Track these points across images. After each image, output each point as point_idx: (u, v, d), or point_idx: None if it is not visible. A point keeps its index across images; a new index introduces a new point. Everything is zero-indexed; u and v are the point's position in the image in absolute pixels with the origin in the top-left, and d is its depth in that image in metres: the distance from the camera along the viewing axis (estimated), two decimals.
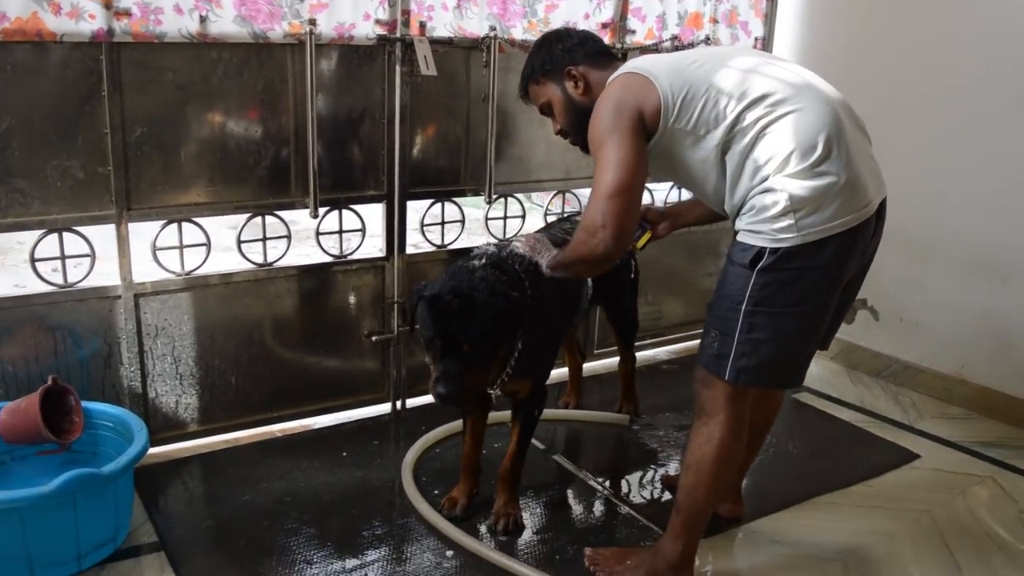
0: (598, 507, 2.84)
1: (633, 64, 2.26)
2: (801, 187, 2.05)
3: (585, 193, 3.80)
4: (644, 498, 2.90)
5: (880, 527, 2.74)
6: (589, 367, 3.76)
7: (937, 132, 3.60)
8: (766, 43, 3.98)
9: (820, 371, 3.99)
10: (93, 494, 2.36)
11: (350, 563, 2.48)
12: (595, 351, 3.88)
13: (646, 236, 2.59)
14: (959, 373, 3.63)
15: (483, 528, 2.67)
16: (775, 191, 2.07)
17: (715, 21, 3.75)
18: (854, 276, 2.27)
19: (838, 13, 3.91)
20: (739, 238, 2.16)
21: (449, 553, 2.53)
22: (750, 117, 2.10)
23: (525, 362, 2.50)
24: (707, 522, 2.36)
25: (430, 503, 2.74)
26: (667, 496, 2.87)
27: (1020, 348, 3.44)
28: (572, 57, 2.42)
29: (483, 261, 2.42)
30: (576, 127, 2.36)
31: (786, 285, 2.11)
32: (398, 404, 3.41)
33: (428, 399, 3.35)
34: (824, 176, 2.05)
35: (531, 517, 2.74)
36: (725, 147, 2.14)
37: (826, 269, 2.11)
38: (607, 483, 2.97)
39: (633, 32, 3.55)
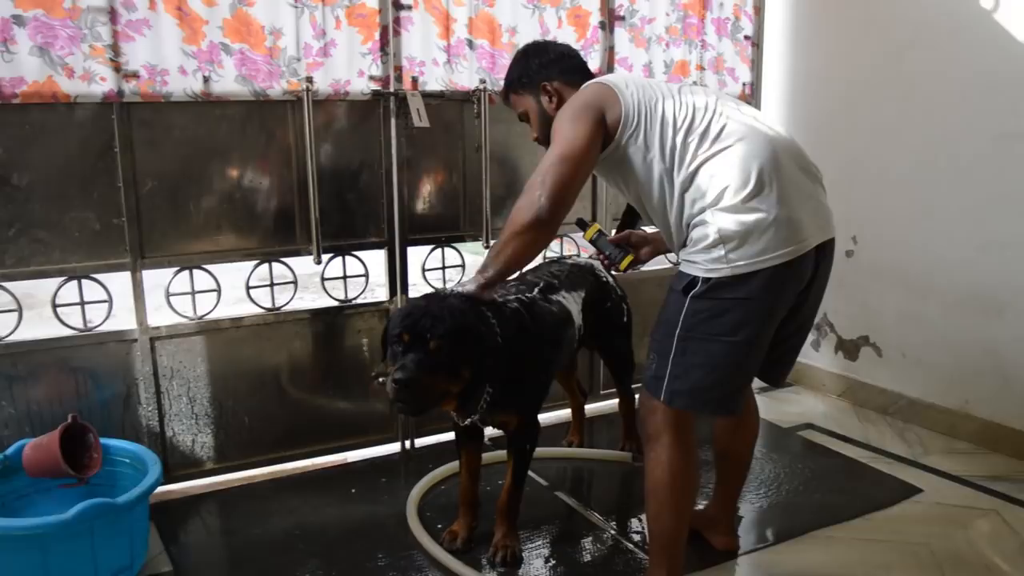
0: (598, 542, 2.87)
1: (606, 77, 2.41)
2: (731, 220, 2.15)
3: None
4: (645, 534, 2.89)
5: (877, 560, 2.72)
6: (597, 407, 3.84)
7: (923, 172, 3.66)
8: (754, 88, 4.10)
9: (827, 408, 4.01)
10: (109, 523, 2.48)
11: None
12: (601, 391, 3.95)
13: (628, 259, 2.64)
14: (964, 408, 3.61)
15: (483, 560, 2.72)
16: (707, 224, 2.17)
17: (702, 68, 3.89)
18: (801, 314, 2.35)
19: (824, 59, 4.02)
20: (680, 268, 2.28)
21: None
22: (691, 149, 2.21)
23: (507, 395, 2.58)
24: (682, 546, 2.39)
25: (433, 537, 2.81)
26: None
27: (1022, 381, 3.41)
28: (547, 73, 2.56)
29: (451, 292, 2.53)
30: (549, 138, 2.42)
31: (717, 314, 2.20)
32: (407, 444, 3.51)
33: (437, 438, 3.52)
34: (754, 212, 2.14)
35: (531, 550, 2.78)
36: (668, 174, 2.24)
37: (756, 301, 2.19)
38: (609, 519, 3.00)
39: None
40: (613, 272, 2.83)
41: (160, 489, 3.06)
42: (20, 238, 2.83)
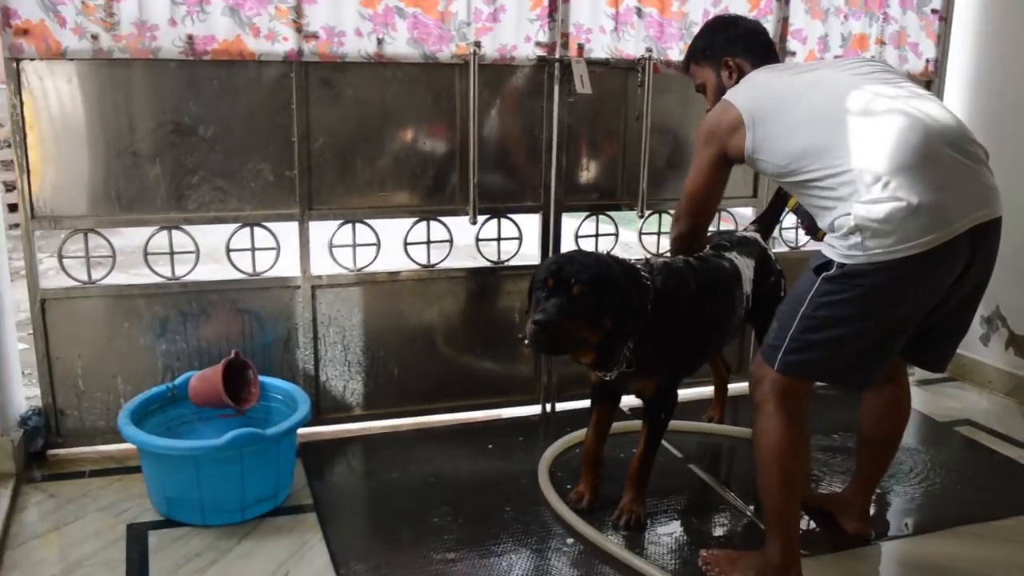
0: (725, 515, 2.86)
1: (737, 95, 2.44)
2: (867, 210, 2.10)
3: (741, 212, 3.87)
4: None
5: (1013, 563, 2.60)
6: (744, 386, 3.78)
7: None
8: (938, 65, 3.87)
9: (990, 406, 3.81)
10: (257, 452, 2.69)
11: (479, 538, 2.65)
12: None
13: (793, 199, 2.79)
14: None
15: (608, 522, 2.76)
16: (849, 212, 2.13)
17: (882, 43, 3.70)
18: (956, 298, 2.27)
19: (1019, 36, 3.76)
20: (821, 250, 2.25)
21: (570, 540, 2.66)
22: (829, 152, 2.20)
23: (651, 358, 2.59)
24: (795, 520, 2.38)
25: (560, 495, 2.87)
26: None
27: None
28: (732, 48, 2.64)
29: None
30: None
31: (845, 300, 2.17)
32: (547, 407, 3.58)
33: (578, 404, 3.56)
34: (892, 201, 2.08)
35: (658, 518, 2.80)
36: (805, 178, 2.27)
37: (889, 290, 2.14)
38: (738, 493, 2.97)
39: (793, 54, 3.58)
40: (810, 238, 3.08)
41: (310, 429, 3.29)
42: (202, 185, 3.05)
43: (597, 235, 3.58)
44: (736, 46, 2.61)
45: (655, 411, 2.74)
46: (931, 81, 3.86)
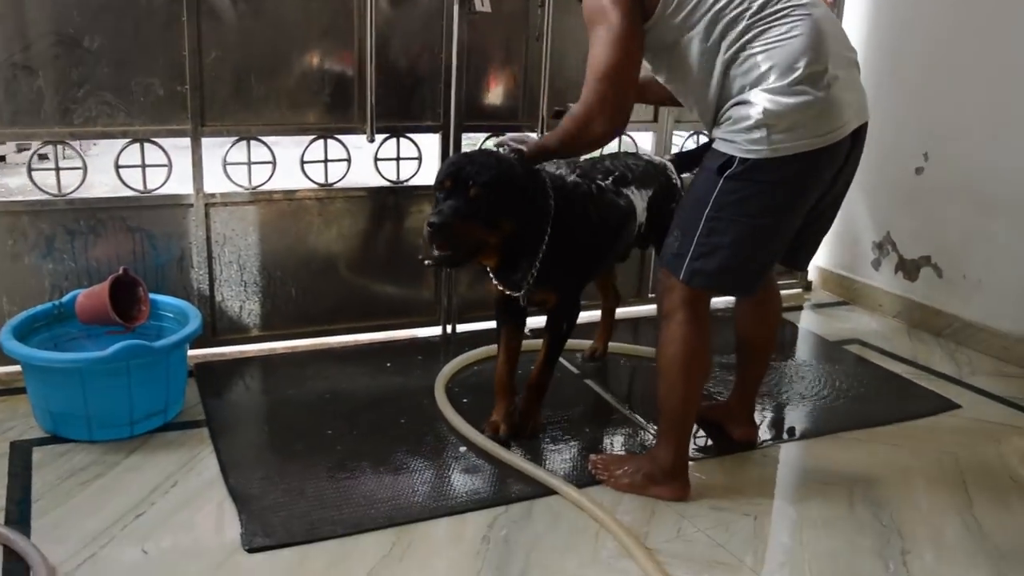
0: (621, 427, 2.92)
1: None
2: (776, 103, 2.10)
3: (644, 137, 3.90)
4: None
5: (898, 463, 2.72)
6: (645, 309, 3.87)
7: (1004, 80, 3.50)
8: None
9: (879, 327, 3.96)
10: (145, 365, 2.66)
11: (372, 448, 2.67)
12: (649, 295, 3.95)
13: None
14: (1019, 331, 3.51)
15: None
16: (751, 104, 2.12)
17: None
18: (829, 197, 2.34)
19: None
20: (714, 146, 2.24)
21: (463, 448, 2.69)
22: (738, 25, 2.15)
23: (551, 270, 2.58)
24: (690, 426, 2.46)
25: (456, 410, 2.89)
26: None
27: None
28: None
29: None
30: None
31: (750, 196, 2.19)
32: (448, 328, 3.59)
33: (479, 326, 3.58)
34: (800, 95, 2.10)
35: (552, 429, 2.83)
36: (711, 51, 2.19)
37: (791, 185, 2.19)
38: (631, 406, 3.04)
39: None
40: None
41: (205, 350, 3.28)
42: (88, 99, 2.96)
43: None
44: None
45: (558, 322, 2.75)
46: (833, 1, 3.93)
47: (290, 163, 3.34)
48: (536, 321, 2.84)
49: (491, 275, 2.68)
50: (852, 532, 2.35)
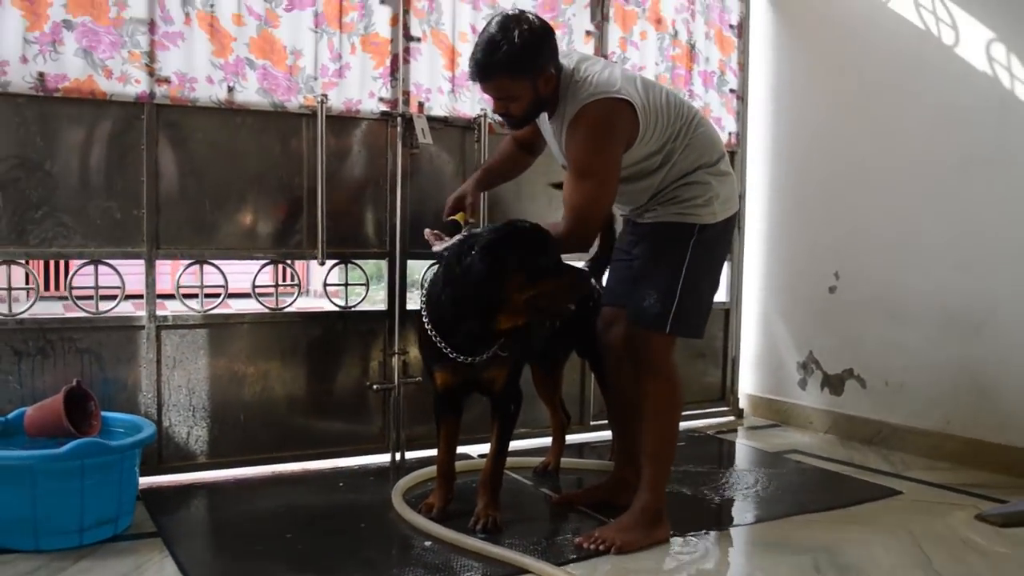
0: (579, 521, 2.91)
1: (626, 89, 2.59)
2: (718, 181, 2.76)
3: None
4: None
5: (854, 537, 2.80)
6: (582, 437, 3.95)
7: (899, 203, 3.91)
8: (740, 137, 4.39)
9: (813, 440, 4.11)
10: (100, 467, 2.59)
11: (335, 546, 2.63)
12: (591, 422, 4.03)
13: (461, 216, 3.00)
14: (945, 428, 3.70)
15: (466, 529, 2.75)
16: (700, 183, 2.73)
17: None
18: None
19: (802, 107, 4.35)
20: (668, 219, 2.73)
21: (427, 543, 2.64)
22: (684, 134, 2.70)
23: (514, 344, 2.73)
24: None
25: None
26: None
27: (1000, 396, 3.54)
28: (556, 56, 2.67)
29: None
30: (531, 117, 2.72)
31: (708, 253, 2.78)
32: (397, 456, 3.56)
33: (427, 453, 3.55)
34: (727, 176, 2.81)
35: (513, 526, 2.79)
36: (667, 156, 2.70)
37: (726, 240, 2.88)
38: (588, 507, 3.02)
39: None
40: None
41: (152, 479, 3.17)
42: (46, 220, 3.03)
43: None
44: (556, 53, 2.69)
45: (506, 403, 2.83)
46: (735, 152, 4.35)
47: (242, 286, 3.41)
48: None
49: (446, 347, 2.70)
50: None
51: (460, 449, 3.05)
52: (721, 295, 4.36)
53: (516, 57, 2.58)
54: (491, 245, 2.54)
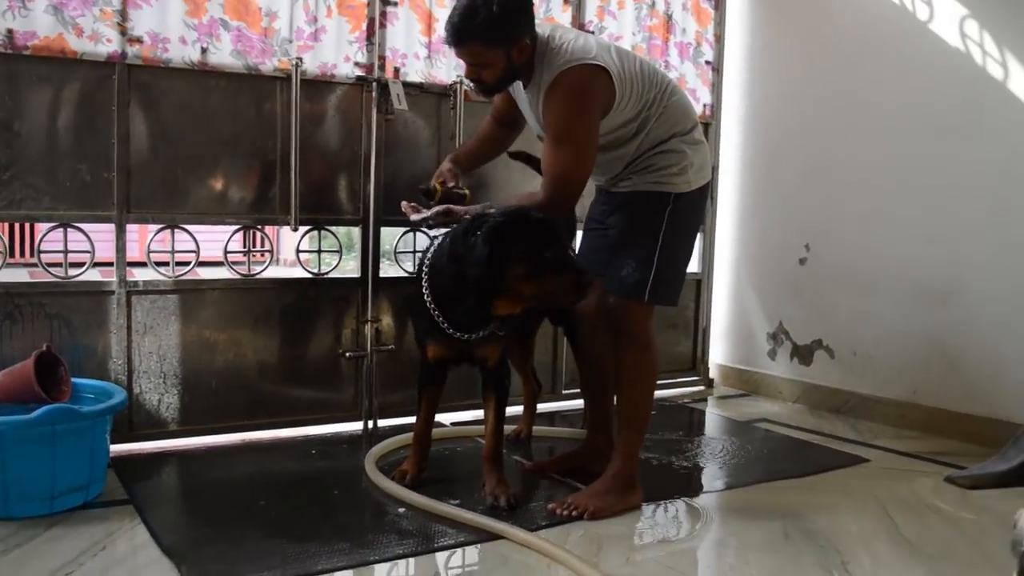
0: (553, 489, 2.92)
1: (602, 56, 2.61)
2: (692, 150, 2.78)
3: None
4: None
5: (822, 503, 2.85)
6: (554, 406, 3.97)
7: (870, 176, 3.95)
8: (714, 109, 4.42)
9: (782, 410, 4.17)
10: (71, 432, 2.56)
11: (308, 512, 2.63)
12: (563, 391, 4.06)
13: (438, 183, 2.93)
14: (912, 398, 3.77)
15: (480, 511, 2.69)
16: (675, 151, 2.75)
17: None
18: None
19: (777, 80, 4.38)
20: (643, 188, 2.74)
21: (401, 510, 2.65)
22: (659, 102, 2.71)
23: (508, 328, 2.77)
24: None
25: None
26: None
27: (966, 366, 3.61)
28: (533, 26, 2.67)
29: None
30: (504, 85, 2.73)
31: (683, 222, 2.81)
32: (370, 423, 3.56)
33: (400, 420, 3.57)
34: (701, 144, 2.83)
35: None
36: (642, 124, 2.71)
37: (700, 209, 2.91)
38: (559, 473, 3.06)
39: None
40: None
41: (123, 446, 3.15)
42: (14, 182, 2.97)
43: (415, 252, 3.71)
44: (533, 23, 2.71)
45: (500, 377, 2.84)
46: (709, 124, 4.38)
47: (214, 255, 3.37)
48: None
49: (443, 322, 2.69)
50: (793, 553, 2.44)
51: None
52: (693, 266, 4.42)
53: (492, 25, 2.58)
54: (497, 229, 2.50)
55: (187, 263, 3.32)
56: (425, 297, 2.70)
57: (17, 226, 9.96)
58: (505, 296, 2.54)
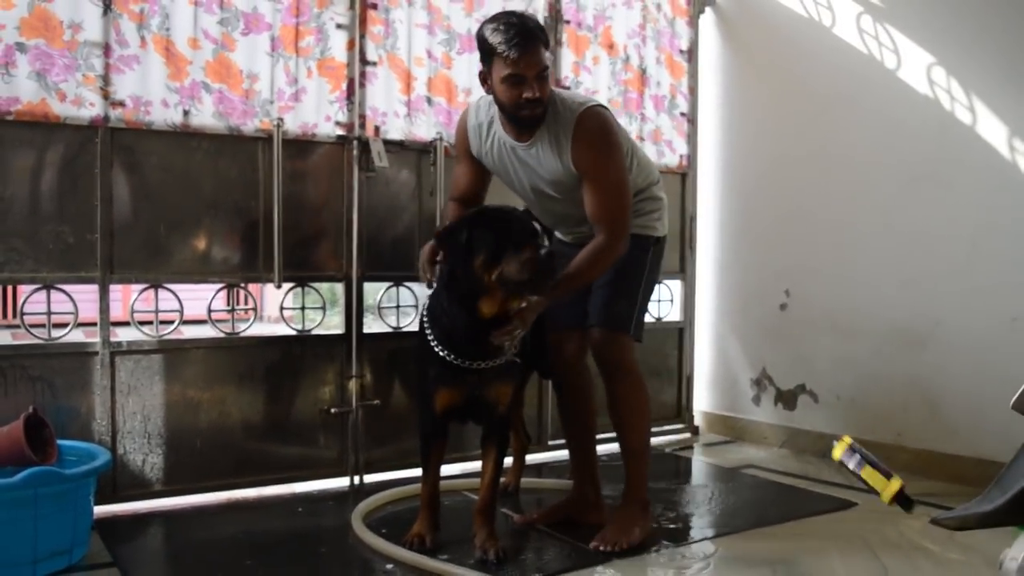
0: (542, 541, 2.92)
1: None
2: (661, 200, 3.04)
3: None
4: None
5: (811, 547, 2.86)
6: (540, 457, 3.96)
7: (846, 222, 4.02)
8: (690, 160, 4.49)
9: (768, 455, 4.17)
10: (54, 496, 2.53)
11: (297, 572, 2.62)
12: (548, 442, 4.04)
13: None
14: (897, 440, 3.79)
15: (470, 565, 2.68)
16: (656, 199, 3.01)
17: (641, 139, 4.25)
18: None
19: (752, 131, 4.46)
20: (632, 231, 2.83)
21: (389, 566, 2.63)
22: (633, 150, 2.95)
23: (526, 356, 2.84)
24: None
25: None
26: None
27: (947, 407, 3.64)
28: None
29: None
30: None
31: (656, 265, 3.05)
32: (355, 479, 3.55)
33: (386, 476, 3.57)
34: (661, 194, 3.05)
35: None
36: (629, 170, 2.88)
37: (664, 252, 3.09)
38: (548, 528, 3.03)
39: None
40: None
41: (106, 508, 3.12)
42: None
43: (399, 306, 3.73)
44: None
45: (504, 429, 2.85)
46: (686, 174, 4.45)
47: (198, 312, 3.38)
48: None
49: (451, 355, 2.65)
50: None
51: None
52: (675, 314, 4.48)
53: (541, 31, 2.71)
54: (452, 231, 2.64)
55: (171, 322, 3.31)
56: (428, 338, 2.69)
57: (0, 288, 9.93)
58: (482, 291, 2.56)
